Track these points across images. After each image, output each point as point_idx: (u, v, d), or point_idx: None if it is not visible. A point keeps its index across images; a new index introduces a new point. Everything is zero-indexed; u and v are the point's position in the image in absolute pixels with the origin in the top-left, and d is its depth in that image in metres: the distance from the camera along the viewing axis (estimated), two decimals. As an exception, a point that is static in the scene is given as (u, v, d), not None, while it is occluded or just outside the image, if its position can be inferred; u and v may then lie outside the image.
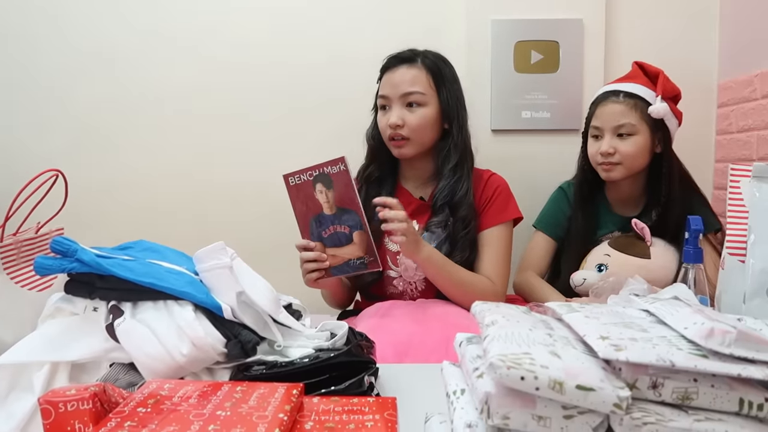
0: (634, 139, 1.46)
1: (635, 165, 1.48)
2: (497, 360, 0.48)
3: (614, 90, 1.51)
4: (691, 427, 0.47)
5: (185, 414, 0.57)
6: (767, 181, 0.86)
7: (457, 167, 1.41)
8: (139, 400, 0.60)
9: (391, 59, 1.43)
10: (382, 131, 1.43)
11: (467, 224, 1.39)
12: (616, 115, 1.46)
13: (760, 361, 0.49)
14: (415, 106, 1.38)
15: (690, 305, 0.59)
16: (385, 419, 0.62)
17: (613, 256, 1.43)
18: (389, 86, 1.40)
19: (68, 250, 0.73)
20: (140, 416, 0.56)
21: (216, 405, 0.60)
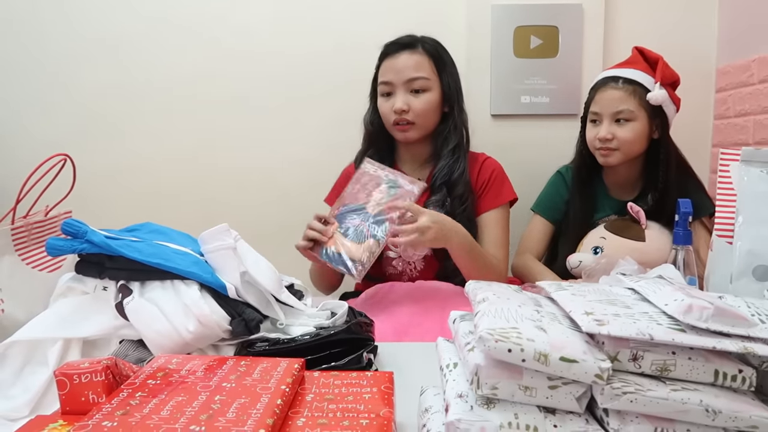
0: (632, 125, 1.47)
1: (632, 151, 1.50)
2: (486, 333, 0.51)
3: (613, 76, 1.52)
4: (668, 396, 0.50)
5: (192, 385, 0.61)
6: (755, 165, 0.89)
7: (455, 149, 1.44)
8: (148, 373, 0.63)
9: (392, 45, 1.45)
10: (386, 116, 1.45)
11: (464, 201, 1.42)
12: (614, 101, 1.48)
13: (735, 335, 0.52)
14: (419, 92, 1.41)
15: (672, 283, 0.62)
16: (382, 392, 0.65)
17: (608, 238, 1.46)
18: (392, 72, 1.41)
19: (79, 232, 0.76)
20: (150, 387, 0.60)
21: (222, 377, 0.63)
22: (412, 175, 1.48)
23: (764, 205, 0.85)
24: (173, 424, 0.52)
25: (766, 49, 1.60)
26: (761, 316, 0.58)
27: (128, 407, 0.55)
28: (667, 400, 0.49)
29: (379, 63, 1.47)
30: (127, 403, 0.56)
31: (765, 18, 1.63)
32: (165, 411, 0.54)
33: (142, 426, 0.51)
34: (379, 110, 1.47)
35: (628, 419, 0.50)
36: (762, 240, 0.84)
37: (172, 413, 0.54)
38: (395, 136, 1.47)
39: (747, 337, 0.52)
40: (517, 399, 0.52)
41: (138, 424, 0.52)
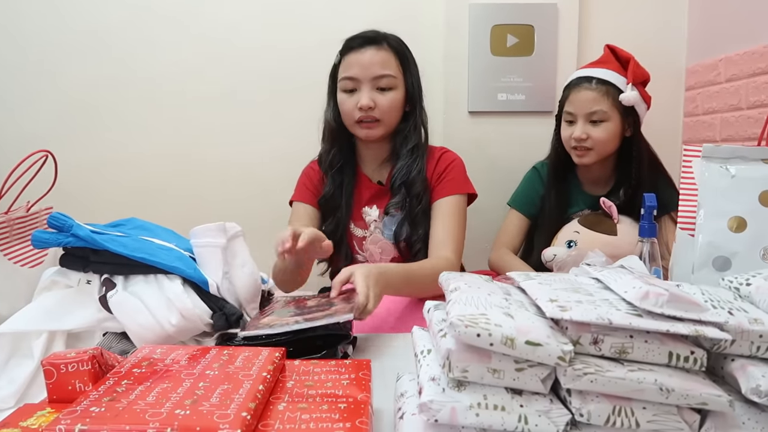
0: (606, 126, 1.51)
1: (606, 150, 1.55)
2: (456, 320, 0.54)
3: (587, 76, 1.56)
4: (625, 376, 0.53)
5: (177, 373, 0.63)
6: (716, 161, 0.93)
7: (414, 148, 1.41)
8: (134, 362, 0.66)
9: (356, 39, 1.39)
10: (349, 113, 1.38)
11: (420, 199, 1.39)
12: (588, 102, 1.52)
13: (687, 319, 0.56)
14: (385, 90, 1.37)
15: (633, 273, 0.66)
16: (360, 378, 0.68)
17: (582, 233, 1.50)
18: (358, 67, 1.36)
19: (64, 226, 0.78)
20: (135, 376, 0.62)
21: (205, 366, 0.65)
22: (373, 177, 1.49)
23: (723, 199, 0.89)
24: (159, 408, 0.54)
25: (732, 50, 1.66)
26: (713, 302, 0.62)
27: (115, 394, 0.57)
28: (624, 380, 0.53)
29: (341, 57, 1.41)
30: (113, 390, 0.58)
31: (731, 20, 1.69)
32: (151, 397, 0.57)
33: (129, 411, 0.54)
34: (341, 107, 1.40)
35: (588, 399, 0.54)
36: (721, 232, 0.88)
37: (158, 399, 0.56)
38: (357, 133, 1.41)
39: (699, 321, 0.56)
40: (486, 381, 0.55)
41: (125, 409, 0.54)
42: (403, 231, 1.41)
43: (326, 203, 1.45)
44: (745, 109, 1.61)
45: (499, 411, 0.54)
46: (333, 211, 1.45)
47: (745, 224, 0.87)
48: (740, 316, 0.59)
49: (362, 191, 1.48)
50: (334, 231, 1.44)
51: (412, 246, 1.42)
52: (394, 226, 1.42)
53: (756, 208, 0.87)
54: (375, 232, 1.46)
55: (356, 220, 1.47)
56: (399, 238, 1.42)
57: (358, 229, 1.47)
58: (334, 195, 1.44)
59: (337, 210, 1.45)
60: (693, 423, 0.54)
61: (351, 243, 1.48)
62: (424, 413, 0.54)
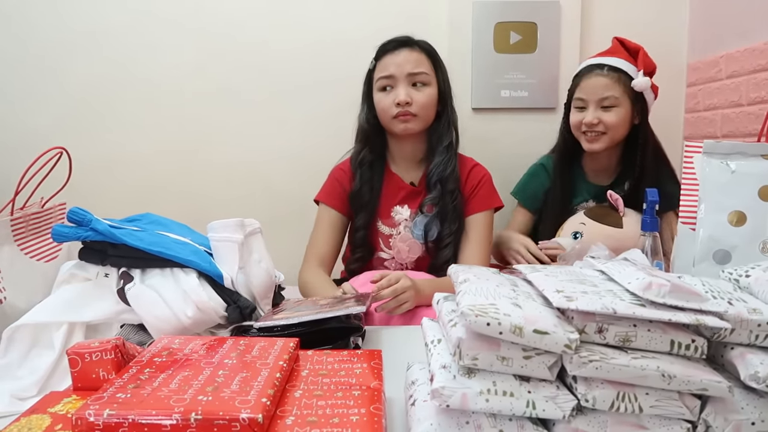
0: (617, 111, 1.54)
1: (617, 135, 1.57)
2: (467, 309, 0.57)
3: (599, 63, 1.59)
4: (629, 363, 0.55)
5: (197, 362, 0.66)
6: (716, 156, 0.95)
7: (449, 146, 1.47)
8: (154, 352, 0.68)
9: (390, 43, 1.47)
10: (386, 110, 1.44)
11: (455, 197, 1.45)
12: (600, 88, 1.54)
13: (689, 308, 0.59)
14: (420, 86, 1.43)
15: (636, 265, 0.68)
16: (372, 367, 0.71)
17: (588, 224, 1.52)
18: (394, 66, 1.42)
19: (83, 220, 0.80)
20: (157, 364, 0.65)
21: (223, 355, 0.68)
22: (405, 178, 1.53)
23: (724, 194, 0.92)
24: (182, 395, 0.57)
25: (733, 46, 1.68)
26: (714, 292, 0.64)
27: (139, 381, 0.60)
28: (628, 366, 0.55)
29: (376, 62, 1.48)
30: (137, 378, 0.60)
31: (732, 17, 1.71)
32: (173, 384, 0.59)
33: (154, 397, 0.56)
34: (378, 105, 1.46)
35: (593, 385, 0.56)
36: (721, 226, 0.91)
37: (180, 386, 0.59)
38: (395, 129, 1.45)
39: (699, 311, 0.58)
40: (495, 368, 0.58)
41: (150, 395, 0.57)
42: (433, 229, 1.46)
43: (354, 198, 1.50)
44: (745, 106, 1.63)
45: (508, 397, 0.56)
46: (362, 206, 1.50)
47: (744, 218, 0.90)
48: (739, 306, 0.61)
49: (394, 190, 1.51)
50: (363, 228, 1.50)
51: (441, 242, 1.46)
52: (424, 225, 1.47)
53: (755, 203, 0.90)
54: (405, 231, 1.49)
55: (384, 218, 1.50)
56: (428, 238, 1.47)
57: (385, 227, 1.50)
58: (362, 190, 1.49)
59: (367, 205, 1.49)
60: (694, 408, 0.56)
61: (377, 240, 1.51)
62: (436, 399, 0.56)
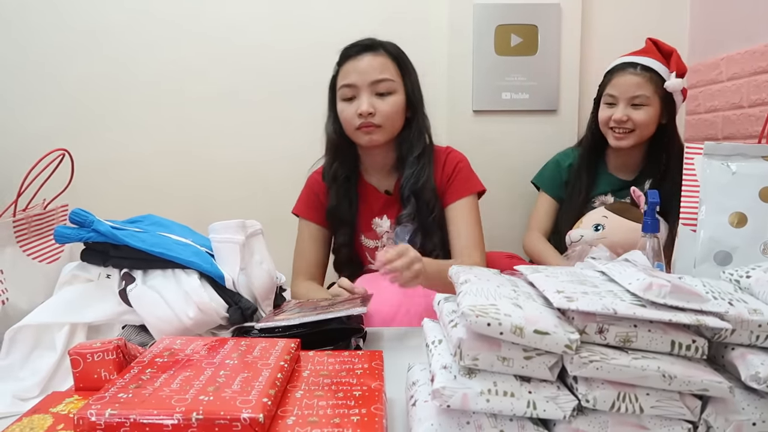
0: (647, 110, 1.55)
1: (645, 134, 1.58)
2: (468, 309, 0.57)
3: (632, 62, 1.60)
4: (629, 363, 0.56)
5: (198, 363, 0.66)
6: (717, 158, 0.95)
7: (421, 155, 1.39)
8: (156, 352, 0.68)
9: (352, 47, 1.38)
10: (349, 121, 1.35)
11: (432, 208, 1.38)
12: (632, 86, 1.55)
13: (689, 309, 0.59)
14: (385, 94, 1.34)
15: (636, 265, 0.69)
16: (373, 367, 0.71)
17: (610, 218, 1.51)
18: (355, 73, 1.34)
19: (86, 221, 0.81)
20: (158, 365, 0.65)
21: (224, 356, 0.68)
22: (380, 187, 1.46)
23: (724, 195, 0.92)
24: (183, 395, 0.57)
25: (733, 49, 1.68)
26: (714, 293, 0.65)
27: (140, 381, 0.60)
28: (628, 367, 0.55)
29: (339, 67, 1.40)
30: (138, 378, 0.61)
31: (733, 19, 1.71)
32: (175, 384, 0.59)
33: (155, 397, 0.56)
34: (341, 116, 1.38)
35: (594, 385, 0.56)
36: (722, 228, 0.91)
37: (182, 386, 0.59)
38: (359, 141, 1.38)
39: (700, 311, 0.58)
40: (495, 369, 0.58)
41: (151, 395, 0.57)
42: (416, 242, 1.40)
43: (333, 216, 1.44)
44: (746, 108, 1.63)
45: (509, 397, 0.56)
46: (342, 223, 1.44)
47: (745, 220, 0.90)
48: (740, 306, 0.61)
49: (370, 202, 1.46)
50: (345, 245, 1.45)
51: (426, 255, 1.36)
52: (407, 236, 1.41)
53: (756, 204, 0.90)
54: (388, 242, 1.45)
55: (366, 231, 1.47)
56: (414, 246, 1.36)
57: (369, 240, 1.47)
58: (340, 207, 1.43)
59: (346, 222, 1.44)
60: (694, 408, 0.57)
61: (363, 254, 1.49)
62: (436, 399, 0.56)
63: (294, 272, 1.46)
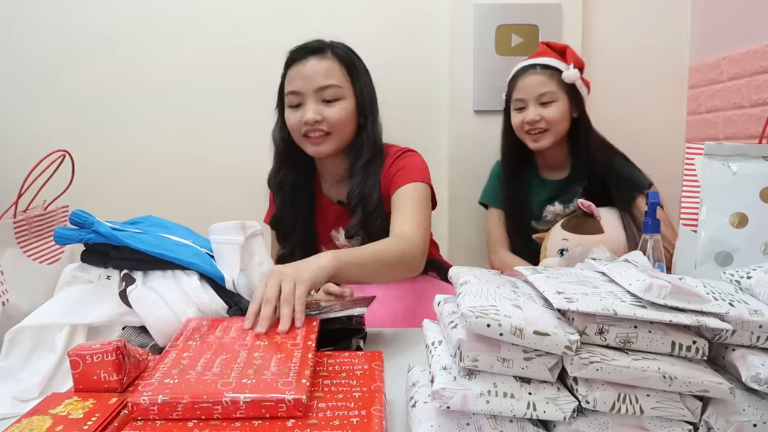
0: (556, 105, 1.58)
1: (560, 129, 1.60)
2: (468, 311, 0.57)
3: (531, 64, 1.64)
4: (629, 364, 0.55)
5: (230, 345, 0.70)
6: (717, 158, 0.95)
7: (368, 164, 1.31)
8: (187, 335, 0.73)
9: (298, 50, 1.31)
10: (295, 129, 1.30)
11: (377, 216, 1.29)
12: (536, 85, 1.59)
13: (690, 310, 0.58)
14: (332, 101, 1.27)
15: (637, 266, 0.68)
16: (372, 368, 0.71)
17: (570, 239, 1.48)
18: (301, 79, 1.27)
19: (86, 222, 0.81)
20: (193, 348, 0.69)
21: (253, 337, 0.73)
22: (333, 198, 1.40)
23: (725, 195, 0.91)
24: (226, 378, 0.61)
25: (734, 48, 1.68)
26: (715, 294, 0.64)
27: (182, 366, 0.64)
28: (629, 368, 0.55)
29: (285, 71, 1.34)
30: (179, 363, 0.64)
31: (734, 19, 1.71)
32: (215, 368, 0.64)
33: (201, 381, 0.60)
34: (288, 123, 1.32)
35: (594, 386, 0.56)
36: (723, 228, 0.91)
37: (223, 369, 0.63)
38: (306, 150, 1.31)
39: (701, 312, 0.58)
40: (495, 370, 0.58)
41: (196, 380, 0.61)
42: None
43: (278, 226, 1.39)
44: (747, 107, 1.63)
45: (509, 398, 0.56)
46: (286, 236, 1.39)
47: (746, 220, 0.90)
48: (741, 307, 0.61)
49: (325, 214, 1.41)
50: (290, 256, 1.34)
51: None
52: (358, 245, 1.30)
53: (757, 204, 0.89)
54: None
55: (326, 243, 1.43)
56: None
57: (338, 236, 1.42)
58: (285, 218, 1.37)
59: (292, 234, 1.38)
60: (695, 410, 0.56)
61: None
62: (436, 400, 0.56)
63: None
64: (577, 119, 1.62)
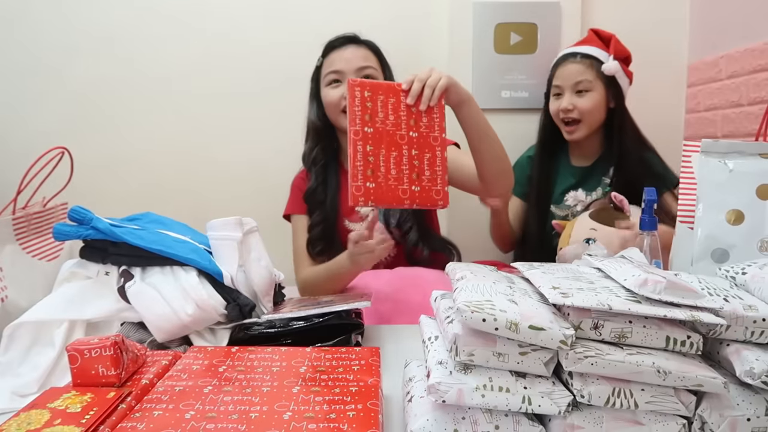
0: (591, 95, 1.59)
1: (594, 120, 1.62)
2: (463, 305, 0.57)
3: (572, 52, 1.66)
4: (624, 359, 0.56)
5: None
6: (714, 156, 0.95)
7: None
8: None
9: (337, 39, 1.50)
10: (334, 104, 1.44)
11: None
12: (574, 74, 1.61)
13: (684, 305, 0.59)
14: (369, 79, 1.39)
15: (633, 262, 0.69)
16: (369, 364, 0.71)
17: (599, 229, 1.49)
18: (342, 61, 1.45)
19: (85, 219, 0.81)
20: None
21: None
22: None
23: (722, 193, 0.92)
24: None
25: (733, 47, 1.68)
26: (710, 289, 0.65)
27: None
28: (623, 362, 0.55)
29: (323, 58, 1.51)
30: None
31: (732, 17, 1.71)
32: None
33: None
34: (325, 100, 1.47)
35: (589, 381, 0.56)
36: (719, 225, 0.91)
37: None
38: (342, 124, 1.42)
39: (695, 307, 0.59)
40: (491, 364, 0.58)
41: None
42: (390, 217, 1.46)
43: (310, 198, 1.51)
44: (745, 106, 1.63)
45: (504, 392, 0.56)
46: (317, 205, 1.50)
47: (742, 217, 0.90)
48: (735, 302, 0.62)
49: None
50: (319, 224, 1.48)
51: (403, 227, 1.46)
52: (383, 214, 1.47)
53: (753, 202, 0.90)
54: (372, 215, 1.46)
55: (349, 215, 1.51)
56: (389, 225, 1.47)
57: (353, 223, 1.50)
58: (317, 190, 1.50)
59: (322, 204, 1.50)
60: (689, 404, 0.57)
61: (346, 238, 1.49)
62: (432, 395, 0.57)
63: (297, 268, 1.50)
64: (613, 109, 1.63)
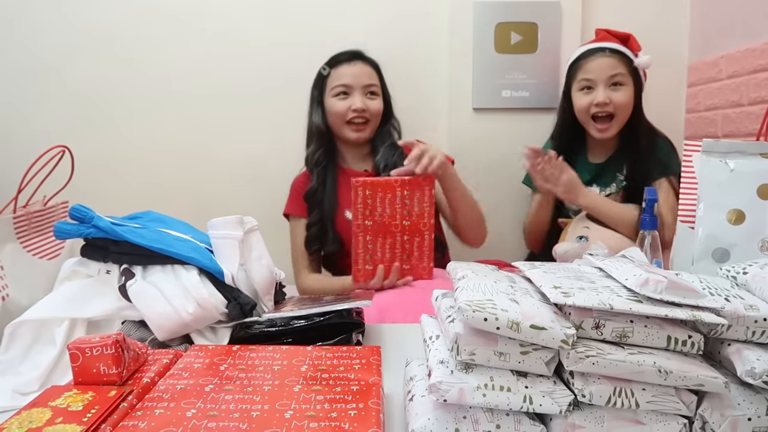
0: (625, 90, 1.55)
1: (625, 116, 1.58)
2: (465, 305, 0.57)
3: (599, 47, 1.60)
4: (625, 359, 0.56)
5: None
6: (715, 155, 0.95)
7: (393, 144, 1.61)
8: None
9: (344, 54, 1.62)
10: (341, 115, 1.57)
11: None
12: (608, 67, 1.56)
13: (686, 304, 0.59)
14: (372, 96, 1.59)
15: (634, 261, 0.69)
16: (370, 363, 0.71)
17: (591, 228, 1.50)
18: (351, 76, 1.58)
19: (86, 217, 0.81)
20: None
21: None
22: (357, 167, 1.66)
23: (722, 192, 0.92)
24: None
25: (733, 47, 1.68)
26: (711, 289, 0.65)
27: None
28: (624, 362, 0.56)
29: (330, 69, 1.62)
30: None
31: (732, 17, 1.71)
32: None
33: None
34: (331, 109, 1.59)
35: (590, 380, 0.56)
36: (720, 225, 0.91)
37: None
38: (347, 135, 1.59)
39: (696, 307, 0.59)
40: (492, 364, 0.58)
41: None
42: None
43: (311, 198, 1.61)
44: (746, 105, 1.63)
45: (505, 392, 0.56)
46: (316, 204, 1.60)
47: (743, 217, 0.90)
48: (736, 302, 0.62)
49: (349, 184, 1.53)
50: (317, 222, 1.59)
51: None
52: None
53: (754, 201, 0.90)
54: None
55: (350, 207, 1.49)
56: None
57: None
58: (318, 191, 1.60)
59: (321, 204, 1.60)
60: (690, 404, 0.57)
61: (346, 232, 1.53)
62: (433, 394, 0.57)
63: (297, 270, 1.59)
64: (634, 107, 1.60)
